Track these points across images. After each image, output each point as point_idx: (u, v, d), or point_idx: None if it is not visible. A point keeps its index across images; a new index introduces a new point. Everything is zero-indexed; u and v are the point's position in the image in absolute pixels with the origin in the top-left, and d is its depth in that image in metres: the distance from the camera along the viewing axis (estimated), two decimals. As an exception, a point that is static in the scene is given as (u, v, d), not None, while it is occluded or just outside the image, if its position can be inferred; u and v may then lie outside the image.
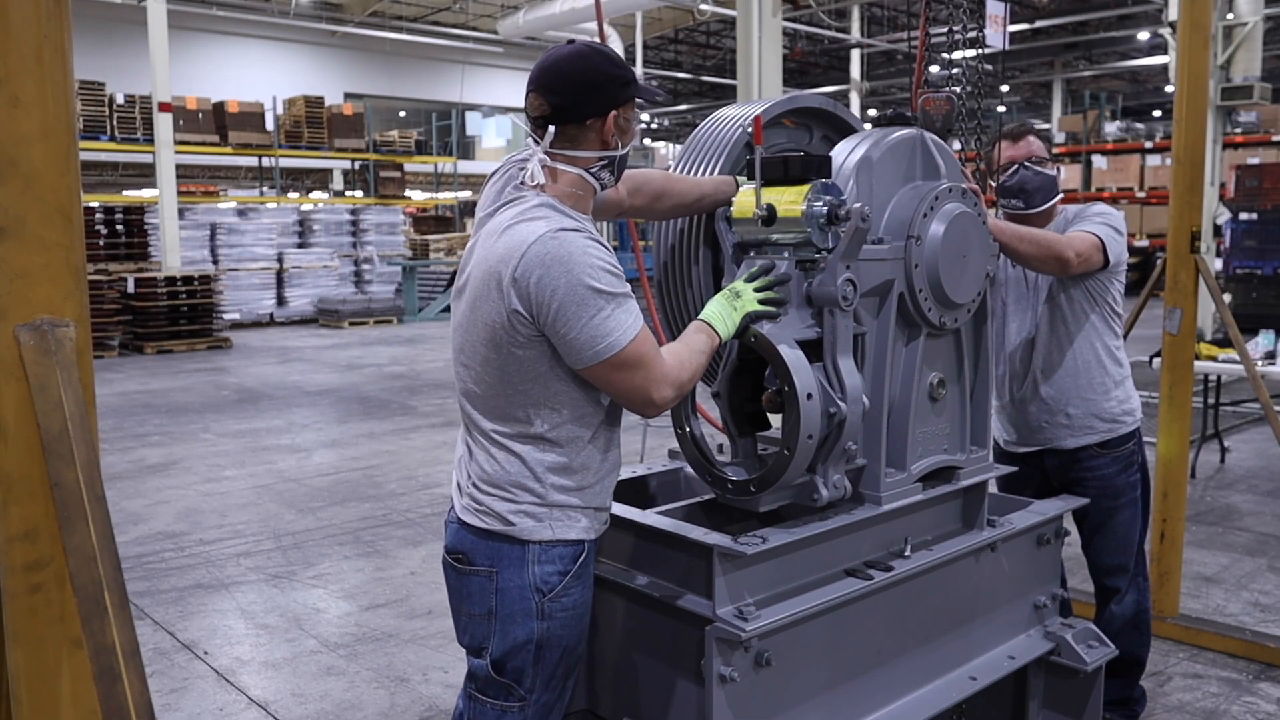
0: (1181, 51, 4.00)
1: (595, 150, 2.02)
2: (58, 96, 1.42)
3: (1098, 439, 3.16)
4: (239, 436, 8.31)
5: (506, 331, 1.92)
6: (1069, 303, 3.13)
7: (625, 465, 2.80)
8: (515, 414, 1.99)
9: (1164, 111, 30.41)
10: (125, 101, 16.52)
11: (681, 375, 2.00)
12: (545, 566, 1.99)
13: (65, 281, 1.44)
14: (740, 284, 2.19)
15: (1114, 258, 3.06)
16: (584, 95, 1.98)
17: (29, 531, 1.42)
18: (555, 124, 1.99)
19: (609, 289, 1.88)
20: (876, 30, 24.38)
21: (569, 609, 2.02)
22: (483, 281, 1.95)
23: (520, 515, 1.99)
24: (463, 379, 2.06)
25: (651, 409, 1.98)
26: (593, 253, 1.88)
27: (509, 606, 2.00)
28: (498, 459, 2.01)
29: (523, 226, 1.92)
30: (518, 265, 1.87)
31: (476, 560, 2.03)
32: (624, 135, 2.05)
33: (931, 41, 5.42)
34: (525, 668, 2.01)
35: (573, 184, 2.02)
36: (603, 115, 1.99)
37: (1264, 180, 11.58)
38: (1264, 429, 7.83)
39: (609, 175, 2.07)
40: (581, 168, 2.02)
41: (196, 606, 4.63)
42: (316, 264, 17.98)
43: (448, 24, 26.34)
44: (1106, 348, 3.17)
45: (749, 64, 8.84)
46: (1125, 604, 3.22)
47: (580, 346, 1.88)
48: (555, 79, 1.98)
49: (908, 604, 2.44)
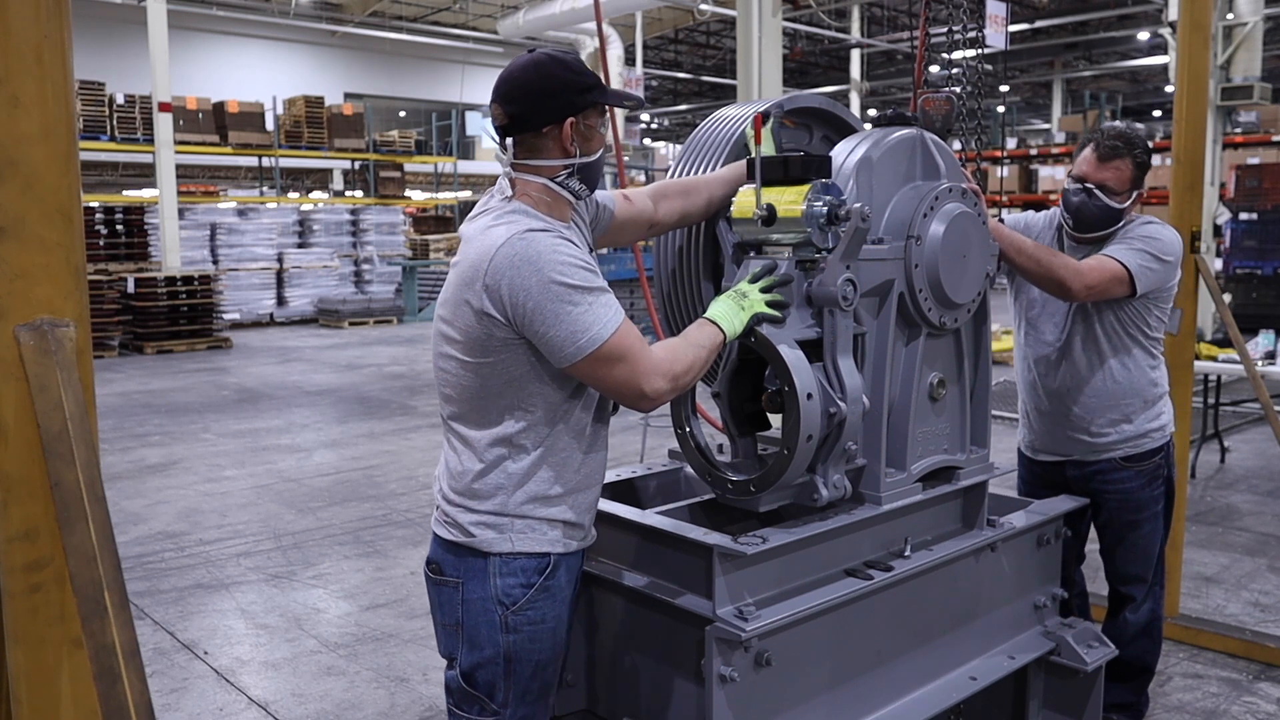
0: (1181, 51, 4.00)
1: (557, 159, 2.00)
2: (58, 96, 1.42)
3: (1121, 454, 3.06)
4: (239, 436, 8.31)
5: (481, 336, 1.92)
6: (1101, 324, 2.99)
7: (625, 465, 2.81)
8: (489, 419, 1.98)
9: (1164, 111, 30.43)
10: (125, 101, 16.52)
11: (675, 367, 1.97)
12: (507, 579, 1.98)
13: (65, 281, 1.44)
14: (745, 285, 2.18)
15: (1143, 289, 2.86)
16: (538, 103, 1.96)
17: (29, 531, 1.42)
18: (514, 134, 1.99)
19: (583, 284, 1.87)
20: (876, 30, 24.37)
21: (536, 623, 2.00)
22: (457, 288, 1.96)
23: (480, 527, 1.98)
24: (441, 383, 2.06)
25: (646, 402, 1.96)
26: (562, 250, 1.88)
27: (474, 618, 2.00)
28: (465, 465, 2.01)
29: (491, 232, 1.93)
30: (487, 270, 1.88)
31: (447, 571, 2.04)
32: (586, 143, 2.02)
33: (931, 41, 5.42)
34: (496, 681, 2.01)
35: (543, 193, 2.02)
36: (559, 122, 1.98)
37: (1264, 180, 11.57)
38: (1264, 429, 7.83)
39: (578, 183, 2.05)
40: (546, 177, 2.01)
41: (196, 606, 4.63)
42: (316, 264, 17.98)
43: (448, 24, 26.34)
44: (1142, 373, 3.02)
45: (749, 64, 8.84)
46: (1141, 612, 3.17)
47: (561, 343, 1.87)
48: (511, 89, 1.98)
49: (908, 604, 2.44)
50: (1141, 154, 2.97)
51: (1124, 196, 2.95)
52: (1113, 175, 2.93)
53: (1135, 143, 2.98)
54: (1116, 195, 2.94)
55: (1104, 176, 2.94)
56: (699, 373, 2.05)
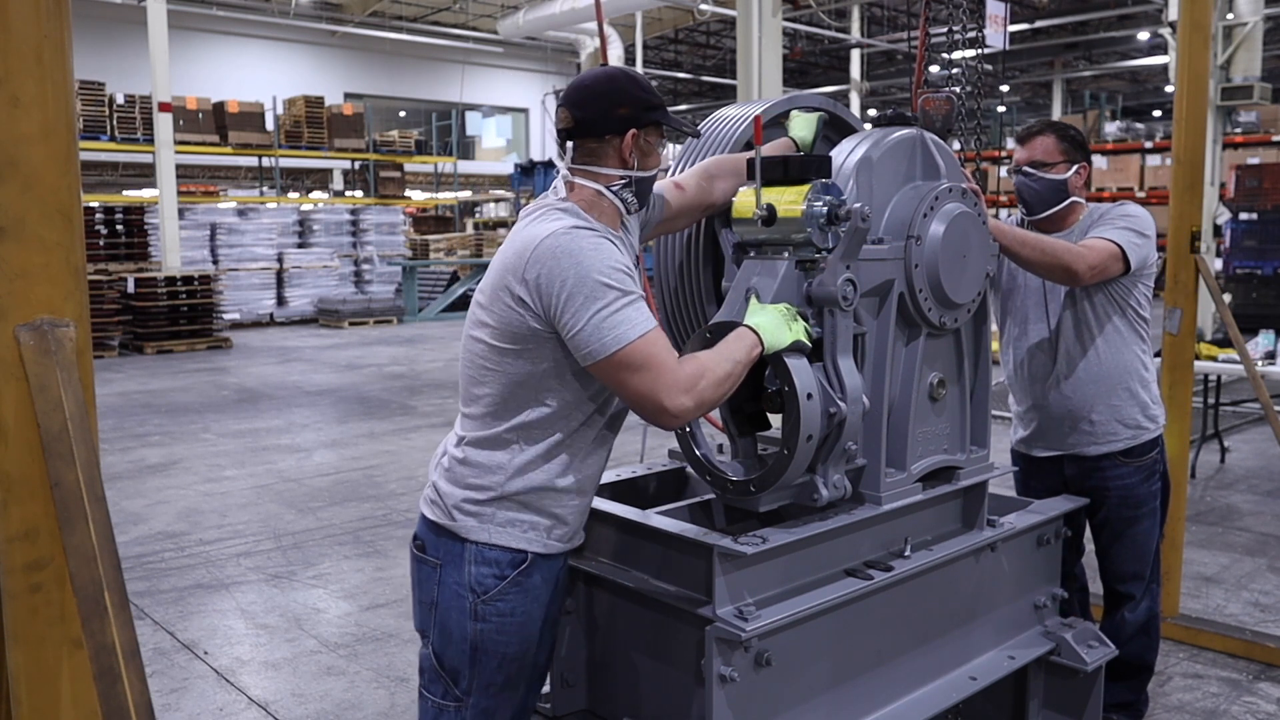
0: (1181, 51, 4.00)
1: (614, 168, 2.07)
2: (58, 96, 1.42)
3: (1121, 446, 3.08)
4: (239, 436, 8.31)
5: (515, 324, 1.95)
6: (1091, 307, 3.05)
7: (625, 465, 2.81)
8: (505, 406, 2.01)
9: (1164, 111, 30.41)
10: (125, 101, 16.53)
11: (701, 383, 1.92)
12: (481, 568, 2.01)
13: (65, 281, 1.44)
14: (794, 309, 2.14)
15: (1135, 263, 2.96)
16: (605, 111, 2.04)
17: (29, 531, 1.42)
18: (576, 138, 2.06)
19: (619, 285, 1.90)
20: (876, 30, 24.37)
21: (505, 615, 2.02)
22: (498, 273, 2.00)
23: (462, 513, 2.02)
24: (465, 363, 2.09)
25: (667, 417, 1.93)
26: (605, 249, 1.92)
27: (447, 601, 2.04)
28: (470, 444, 2.04)
29: (537, 225, 1.98)
30: (529, 260, 1.92)
31: (429, 550, 2.09)
32: (645, 158, 2.09)
33: (931, 41, 5.42)
34: (461, 668, 2.04)
35: (596, 199, 2.07)
36: (621, 134, 2.04)
37: (1264, 180, 11.57)
38: (1264, 429, 7.84)
39: (631, 196, 2.10)
40: (601, 184, 2.07)
41: (196, 606, 4.63)
42: (316, 264, 17.98)
43: (448, 24, 26.35)
44: (1132, 353, 3.08)
45: (749, 64, 8.84)
46: (1139, 610, 3.17)
47: (588, 337, 1.88)
48: (580, 94, 2.06)
49: (908, 604, 2.44)
50: (1064, 129, 3.13)
51: (1059, 168, 3.07)
52: (1037, 150, 3.08)
53: (1053, 122, 3.18)
54: (1049, 167, 3.07)
55: (1029, 155, 3.09)
56: (730, 389, 1.99)
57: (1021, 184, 3.10)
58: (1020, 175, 3.09)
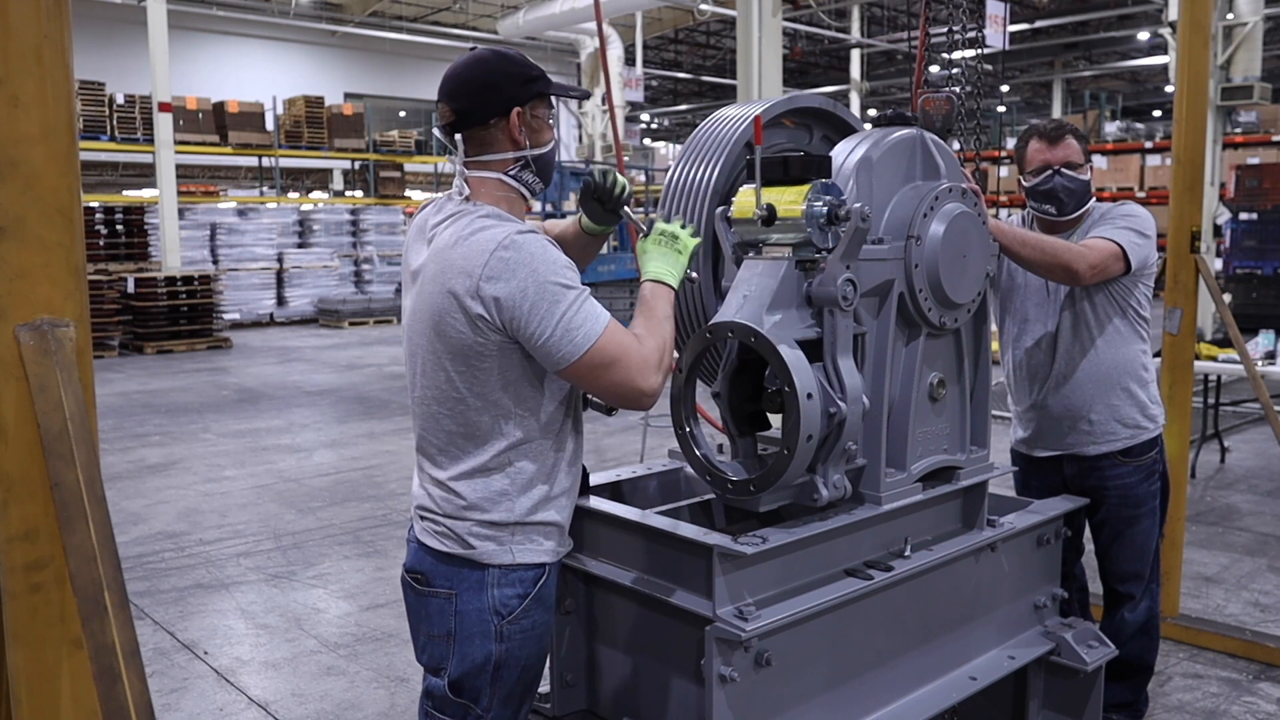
0: (1181, 51, 4.00)
1: (507, 151, 2.02)
2: (58, 96, 1.42)
3: (1120, 446, 3.08)
4: (239, 436, 8.31)
5: (474, 344, 1.90)
6: (1091, 307, 3.05)
7: (625, 465, 2.81)
8: (484, 429, 1.96)
9: (1164, 111, 30.43)
10: (125, 101, 16.52)
11: (659, 355, 1.96)
12: (505, 590, 1.97)
13: (65, 281, 1.44)
14: (663, 225, 2.14)
15: (1136, 263, 2.96)
16: (482, 97, 1.98)
17: (29, 531, 1.42)
18: (461, 129, 2.00)
19: (571, 283, 1.89)
20: (876, 30, 24.38)
21: (527, 630, 2.00)
22: (441, 295, 1.91)
23: (480, 539, 1.97)
24: (426, 401, 2.01)
25: (646, 399, 1.95)
26: (551, 251, 1.90)
27: (468, 629, 1.98)
28: (458, 484, 1.98)
29: (477, 237, 1.90)
30: (482, 273, 1.86)
31: (436, 582, 2.01)
32: (535, 134, 2.04)
33: (931, 41, 5.42)
34: (483, 688, 2.00)
35: (498, 189, 2.02)
36: (505, 114, 1.99)
37: (1264, 180, 11.58)
38: (1264, 429, 7.83)
39: (532, 176, 2.06)
40: (498, 171, 2.02)
41: (196, 606, 4.63)
42: (316, 264, 17.98)
43: (448, 24, 26.34)
44: (1132, 353, 3.08)
45: (749, 64, 8.83)
46: (1139, 610, 3.17)
47: (558, 343, 1.86)
48: (456, 85, 2.00)
49: (908, 604, 2.44)
50: (1077, 130, 3.15)
51: (1085, 169, 3.09)
52: (1070, 152, 3.07)
53: (1067, 124, 3.18)
54: (1079, 168, 3.08)
55: (1064, 155, 3.07)
56: (674, 346, 2.05)
57: (1060, 185, 3.07)
58: (1059, 176, 3.06)
